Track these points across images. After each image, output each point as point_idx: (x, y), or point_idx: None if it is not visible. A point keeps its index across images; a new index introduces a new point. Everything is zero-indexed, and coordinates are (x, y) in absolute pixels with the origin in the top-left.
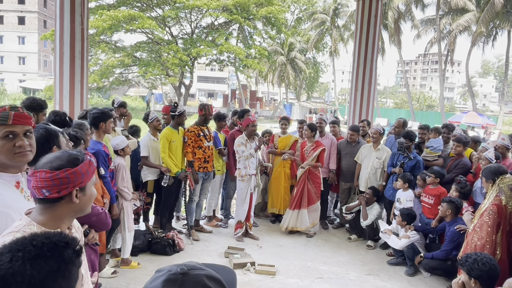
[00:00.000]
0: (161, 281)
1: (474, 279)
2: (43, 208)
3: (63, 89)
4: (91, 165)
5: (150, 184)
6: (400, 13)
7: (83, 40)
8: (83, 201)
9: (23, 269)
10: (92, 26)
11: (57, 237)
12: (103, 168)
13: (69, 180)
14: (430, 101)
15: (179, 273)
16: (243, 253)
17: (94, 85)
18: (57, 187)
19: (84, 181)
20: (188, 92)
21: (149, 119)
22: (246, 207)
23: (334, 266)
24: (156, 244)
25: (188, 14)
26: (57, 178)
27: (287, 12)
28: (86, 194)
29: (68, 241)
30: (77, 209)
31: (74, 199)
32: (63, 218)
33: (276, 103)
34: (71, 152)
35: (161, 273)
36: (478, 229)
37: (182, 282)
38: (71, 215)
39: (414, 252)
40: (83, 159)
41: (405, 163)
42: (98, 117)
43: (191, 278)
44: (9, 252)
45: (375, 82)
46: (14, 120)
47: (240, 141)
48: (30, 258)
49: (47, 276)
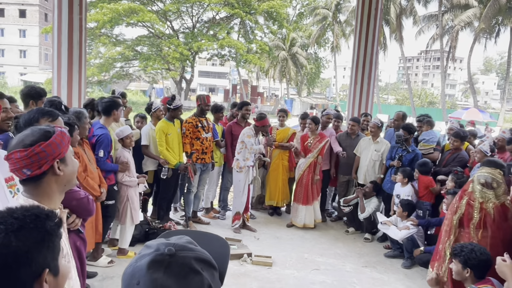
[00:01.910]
0: (147, 261)
1: (469, 268)
2: (30, 188)
3: (61, 80)
4: (64, 135)
5: (150, 175)
6: (402, 8)
7: (81, 30)
8: (67, 171)
9: (7, 241)
10: (93, 19)
11: (37, 209)
12: (102, 151)
13: (46, 154)
14: (431, 98)
15: (166, 254)
16: (240, 244)
17: (94, 79)
18: (37, 163)
19: (62, 152)
20: (189, 87)
21: (152, 109)
22: (244, 199)
23: (331, 258)
24: (153, 235)
25: (189, 8)
26: (33, 154)
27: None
28: (68, 164)
29: (47, 213)
30: (64, 181)
31: (57, 171)
32: (52, 195)
33: (277, 98)
34: (40, 127)
35: (148, 251)
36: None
37: (169, 264)
38: (59, 189)
39: (413, 244)
40: (54, 131)
41: (403, 156)
42: (111, 105)
43: (178, 260)
44: None
45: (375, 76)
46: None
47: (249, 133)
48: (13, 230)
49: (32, 247)
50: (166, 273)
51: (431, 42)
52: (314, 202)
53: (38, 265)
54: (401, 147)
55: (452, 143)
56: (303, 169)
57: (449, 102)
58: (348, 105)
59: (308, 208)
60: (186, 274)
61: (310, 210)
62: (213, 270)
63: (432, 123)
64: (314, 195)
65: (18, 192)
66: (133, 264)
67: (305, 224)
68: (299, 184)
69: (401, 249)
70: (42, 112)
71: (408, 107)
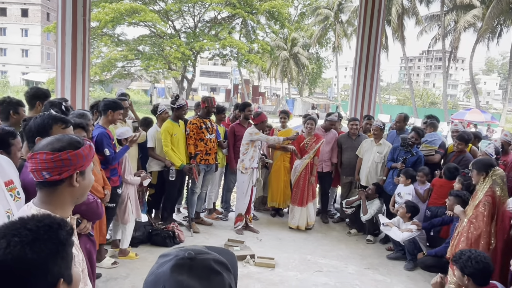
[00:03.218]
0: (169, 266)
1: (467, 276)
2: (44, 195)
3: (64, 81)
4: (91, 149)
5: (154, 175)
6: (404, 8)
7: (85, 31)
8: (82, 185)
9: (23, 254)
10: (95, 19)
11: (49, 219)
12: (108, 149)
13: (70, 162)
14: (433, 98)
15: (187, 258)
16: (243, 245)
17: (96, 78)
18: (59, 169)
19: (84, 164)
20: (190, 87)
21: (158, 111)
22: (247, 200)
23: (333, 260)
24: (156, 236)
25: (191, 8)
26: (59, 159)
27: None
28: (85, 178)
29: (60, 222)
30: (77, 194)
31: (74, 183)
32: (64, 205)
33: (279, 98)
34: (71, 136)
35: (167, 258)
36: (474, 219)
37: (190, 267)
38: (71, 201)
39: (415, 246)
40: (83, 143)
41: (407, 159)
42: (109, 105)
43: (199, 262)
44: (4, 238)
45: (377, 77)
46: None
47: (255, 131)
48: (28, 242)
49: (47, 258)
50: (189, 275)
51: (433, 42)
52: (308, 204)
53: (53, 275)
54: (405, 150)
55: (456, 146)
56: (299, 171)
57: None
58: (350, 105)
59: (303, 210)
60: (208, 275)
61: (304, 212)
62: (229, 273)
63: (436, 126)
64: (309, 197)
65: (18, 195)
66: (155, 272)
67: (298, 226)
68: (295, 186)
69: (403, 251)
70: (55, 119)
71: (410, 107)
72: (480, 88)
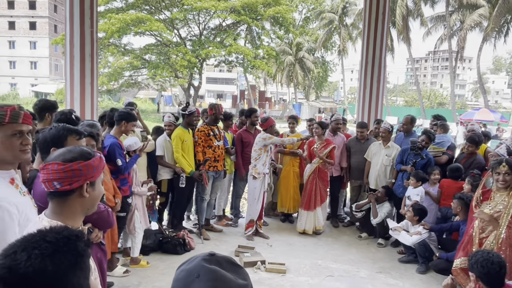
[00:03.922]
0: (200, 259)
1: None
2: (55, 205)
3: (73, 92)
4: (101, 160)
5: (164, 183)
6: (408, 10)
7: (92, 43)
8: (92, 196)
9: (44, 266)
10: (101, 29)
11: (67, 231)
12: (120, 159)
13: (81, 173)
14: (441, 99)
15: (209, 254)
16: (254, 251)
17: (104, 88)
18: (69, 179)
19: (95, 175)
20: (197, 94)
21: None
22: (259, 206)
23: (344, 264)
24: (167, 244)
25: (196, 16)
26: (70, 170)
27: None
28: (95, 189)
29: (77, 233)
30: (87, 205)
31: (84, 193)
32: (75, 215)
33: (285, 103)
34: (82, 147)
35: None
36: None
37: (217, 260)
38: (81, 211)
39: (426, 249)
40: (94, 155)
41: (417, 162)
42: (123, 115)
43: (221, 257)
44: (24, 250)
45: (384, 80)
46: (24, 119)
47: (267, 135)
48: (48, 254)
49: (67, 270)
50: (219, 265)
51: (439, 43)
52: (316, 208)
53: (73, 286)
54: (415, 153)
55: (467, 148)
56: (308, 175)
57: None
58: (358, 108)
59: (309, 214)
60: (232, 266)
61: (311, 216)
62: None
63: (447, 127)
64: (317, 202)
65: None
66: (185, 268)
67: (305, 230)
68: (304, 190)
69: (415, 254)
70: (70, 130)
71: (418, 109)
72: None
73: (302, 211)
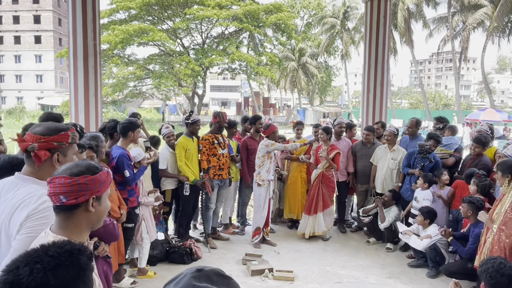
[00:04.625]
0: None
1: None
2: (61, 220)
3: (78, 104)
4: (108, 175)
5: (168, 193)
6: (410, 13)
7: (96, 55)
8: (98, 211)
9: (46, 280)
10: (105, 41)
11: (69, 245)
12: (128, 171)
13: (87, 187)
14: (446, 100)
15: (197, 270)
16: (261, 259)
17: (109, 99)
18: (75, 193)
19: (101, 190)
20: (201, 102)
21: (162, 134)
22: (265, 213)
23: (353, 270)
24: (173, 253)
25: (198, 25)
26: (76, 183)
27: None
28: (102, 204)
29: (80, 247)
30: (93, 219)
31: (90, 208)
32: (80, 230)
33: (290, 108)
34: (90, 161)
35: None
36: (504, 226)
37: (206, 275)
38: (87, 226)
39: (436, 252)
40: (101, 169)
41: (425, 166)
42: (127, 127)
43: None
44: (27, 265)
45: (387, 83)
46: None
47: (270, 142)
48: (50, 268)
49: (69, 284)
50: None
51: (442, 44)
52: (317, 213)
53: None
54: (423, 157)
55: (473, 149)
56: (312, 179)
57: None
58: (362, 112)
59: (309, 218)
60: (222, 279)
61: (311, 220)
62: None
63: (455, 130)
64: (318, 207)
65: None
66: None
67: (304, 234)
68: (308, 194)
69: (425, 258)
70: None
71: (423, 111)
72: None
73: (304, 215)
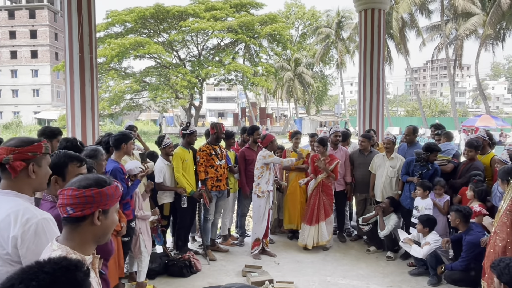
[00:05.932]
0: None
1: (503, 284)
2: (68, 231)
3: (74, 117)
4: (117, 190)
5: (166, 207)
6: (404, 21)
7: (92, 69)
8: (104, 225)
9: None
10: (101, 54)
11: (65, 261)
12: (120, 184)
13: (94, 200)
14: (441, 107)
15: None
16: (261, 271)
17: (105, 112)
18: (82, 206)
19: (108, 204)
20: (198, 113)
21: (162, 145)
22: (265, 224)
23: (354, 280)
24: (172, 266)
25: (194, 37)
26: (83, 196)
27: (291, 29)
28: (108, 218)
29: (76, 263)
30: (99, 233)
31: (95, 221)
32: (85, 243)
33: (287, 118)
34: (99, 175)
35: None
36: (499, 231)
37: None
38: (92, 240)
39: (437, 260)
40: (110, 183)
41: (423, 173)
42: (120, 139)
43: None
44: (22, 282)
45: (383, 91)
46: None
47: (268, 153)
48: (46, 285)
49: None
50: None
51: (437, 52)
52: (320, 223)
53: None
54: (421, 164)
55: (466, 153)
56: (312, 189)
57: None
58: (358, 121)
59: (311, 228)
60: None
61: (313, 230)
62: None
63: (450, 136)
64: (320, 216)
65: None
66: None
67: (306, 245)
68: (307, 204)
69: (425, 266)
70: (70, 157)
71: (419, 118)
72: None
73: (305, 226)
